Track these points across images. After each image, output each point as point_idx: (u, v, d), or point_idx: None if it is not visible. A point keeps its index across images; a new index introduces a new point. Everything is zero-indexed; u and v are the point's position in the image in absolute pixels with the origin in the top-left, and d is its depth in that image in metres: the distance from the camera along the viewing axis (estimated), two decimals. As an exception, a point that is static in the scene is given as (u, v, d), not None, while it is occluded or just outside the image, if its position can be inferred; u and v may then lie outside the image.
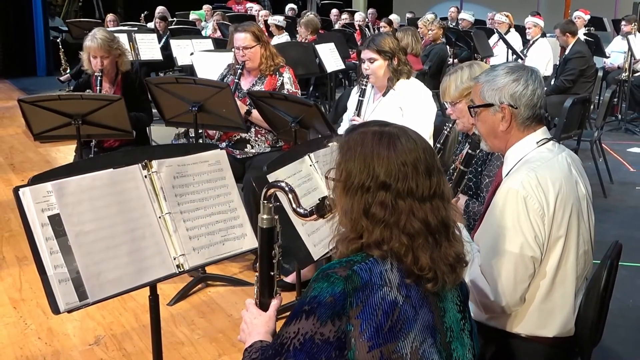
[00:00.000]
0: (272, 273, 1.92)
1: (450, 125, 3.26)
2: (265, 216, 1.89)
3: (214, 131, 4.69)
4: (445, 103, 3.24)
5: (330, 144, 3.03)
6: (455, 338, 1.70)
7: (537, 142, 2.34)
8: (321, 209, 1.79)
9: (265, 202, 1.89)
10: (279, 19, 10.62)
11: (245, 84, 4.61)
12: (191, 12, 12.99)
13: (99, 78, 4.69)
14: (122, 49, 4.90)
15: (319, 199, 1.81)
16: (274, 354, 1.59)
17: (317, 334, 1.54)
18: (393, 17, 13.50)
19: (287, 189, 1.84)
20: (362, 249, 1.64)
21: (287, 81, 4.58)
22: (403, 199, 1.60)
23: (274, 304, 1.92)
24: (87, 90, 4.76)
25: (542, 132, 2.36)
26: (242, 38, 4.50)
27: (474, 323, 1.83)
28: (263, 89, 4.48)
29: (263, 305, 1.92)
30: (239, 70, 4.53)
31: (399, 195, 1.60)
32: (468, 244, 2.38)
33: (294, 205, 1.83)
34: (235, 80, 4.51)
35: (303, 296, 1.61)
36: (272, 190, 1.88)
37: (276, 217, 1.91)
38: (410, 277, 1.59)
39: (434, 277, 1.61)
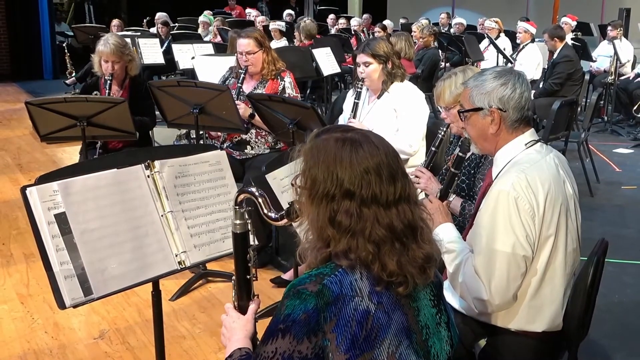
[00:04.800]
0: (248, 277, 1.88)
1: (445, 128, 3.24)
2: (238, 221, 1.85)
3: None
4: (439, 107, 3.23)
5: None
6: (432, 334, 1.67)
7: (526, 144, 2.33)
8: (290, 214, 1.75)
9: (237, 207, 1.85)
10: (281, 25, 10.64)
11: (248, 87, 4.59)
12: (203, 13, 12.88)
13: (108, 82, 4.67)
14: (133, 54, 4.90)
15: (288, 203, 1.76)
16: None
17: (295, 352, 1.51)
18: (387, 22, 13.50)
19: (257, 193, 1.81)
20: (331, 259, 1.60)
21: (289, 85, 4.58)
22: (368, 207, 1.56)
23: (252, 307, 1.88)
24: (95, 92, 4.77)
25: (530, 134, 2.36)
26: (245, 43, 4.49)
27: (451, 313, 1.79)
28: (264, 93, 4.47)
29: (242, 309, 1.88)
30: (242, 75, 4.52)
31: (363, 202, 1.56)
32: (458, 243, 2.38)
33: (265, 210, 1.79)
34: (238, 84, 4.50)
35: (277, 313, 1.56)
36: (242, 196, 1.84)
37: (249, 221, 1.86)
38: (380, 284, 1.56)
39: (404, 280, 1.57)
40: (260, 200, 1.80)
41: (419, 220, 1.63)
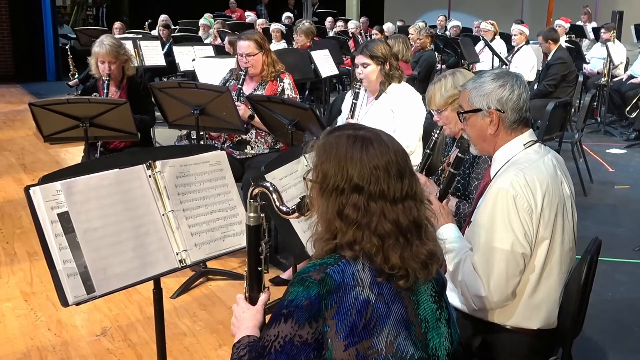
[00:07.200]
0: (259, 268, 1.90)
1: (438, 131, 3.24)
2: (252, 214, 1.88)
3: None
4: (431, 110, 3.22)
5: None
6: (431, 328, 1.69)
7: (525, 144, 2.34)
8: (301, 208, 1.78)
9: (251, 201, 1.87)
10: (283, 26, 10.68)
11: (248, 89, 4.59)
12: (204, 16, 12.84)
13: (106, 82, 4.68)
14: (128, 54, 4.89)
15: (299, 198, 1.80)
16: (257, 356, 1.59)
17: (295, 336, 1.54)
18: (387, 25, 13.49)
19: (271, 188, 1.83)
20: (336, 250, 1.63)
21: (288, 87, 4.58)
22: (375, 201, 1.59)
23: (262, 298, 1.90)
24: (94, 94, 4.76)
25: (528, 135, 2.36)
26: (245, 45, 4.50)
27: (452, 311, 1.81)
28: (264, 94, 4.47)
29: (252, 300, 1.90)
30: (242, 76, 4.52)
31: (371, 197, 1.59)
32: (458, 243, 2.38)
33: (278, 204, 1.82)
34: (238, 86, 4.50)
35: (281, 300, 1.60)
36: (257, 190, 1.86)
37: (262, 215, 1.89)
38: (381, 276, 1.59)
39: (405, 274, 1.60)
40: (274, 195, 1.83)
41: (424, 219, 1.66)
